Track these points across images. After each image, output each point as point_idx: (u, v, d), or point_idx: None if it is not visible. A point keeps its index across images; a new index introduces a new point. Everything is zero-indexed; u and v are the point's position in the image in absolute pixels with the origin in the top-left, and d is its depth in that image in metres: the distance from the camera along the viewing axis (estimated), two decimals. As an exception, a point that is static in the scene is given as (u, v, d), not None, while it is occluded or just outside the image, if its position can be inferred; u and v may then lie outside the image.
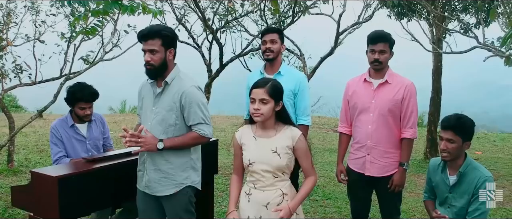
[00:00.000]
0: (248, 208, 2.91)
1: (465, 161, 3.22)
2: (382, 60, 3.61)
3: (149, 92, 3.31)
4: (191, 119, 3.19)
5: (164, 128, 3.19)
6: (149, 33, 3.13)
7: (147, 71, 3.19)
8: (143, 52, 3.17)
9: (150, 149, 3.08)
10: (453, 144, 3.12)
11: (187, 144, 3.23)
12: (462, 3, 8.22)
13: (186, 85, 3.21)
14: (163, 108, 3.20)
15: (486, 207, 3.13)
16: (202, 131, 3.20)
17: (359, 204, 3.94)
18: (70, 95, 3.97)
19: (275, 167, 2.84)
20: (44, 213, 3.17)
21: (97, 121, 4.24)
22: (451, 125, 3.12)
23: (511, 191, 7.04)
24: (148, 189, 3.28)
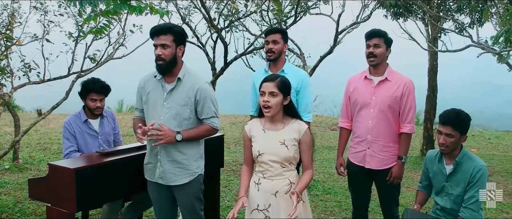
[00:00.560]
0: (257, 197, 3.09)
1: (461, 151, 3.40)
2: (377, 54, 3.77)
3: (157, 88, 3.46)
4: (205, 113, 3.38)
5: (178, 122, 3.36)
6: (161, 29, 3.30)
7: (158, 66, 3.35)
8: (154, 47, 3.32)
9: (170, 141, 3.25)
10: (452, 138, 3.30)
11: (201, 135, 3.44)
12: (457, 3, 8.41)
13: (200, 82, 3.41)
14: (177, 103, 3.37)
15: None
16: (214, 124, 3.41)
17: (360, 196, 4.12)
18: (82, 87, 4.15)
19: (283, 157, 3.01)
20: (61, 204, 3.31)
21: (109, 117, 4.39)
22: (451, 121, 3.30)
23: (505, 186, 7.26)
24: (162, 179, 3.45)
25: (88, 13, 5.52)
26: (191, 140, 3.39)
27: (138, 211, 4.51)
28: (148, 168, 3.53)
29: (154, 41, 3.34)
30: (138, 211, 4.49)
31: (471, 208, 3.31)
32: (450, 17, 8.19)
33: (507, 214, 5.78)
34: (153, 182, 3.53)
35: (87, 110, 4.23)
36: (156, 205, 3.63)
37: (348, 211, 5.63)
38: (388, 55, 3.88)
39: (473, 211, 3.31)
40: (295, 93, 4.12)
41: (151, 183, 3.56)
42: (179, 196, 3.52)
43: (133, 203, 4.41)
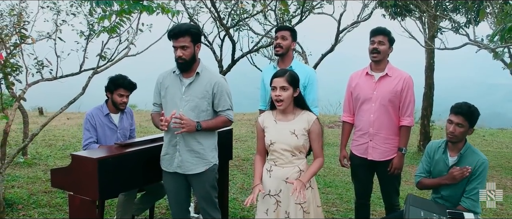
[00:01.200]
0: (269, 183, 3.31)
1: (465, 145, 3.61)
2: (380, 50, 3.99)
3: (175, 82, 3.68)
4: (221, 106, 3.63)
5: (196, 113, 3.58)
6: (180, 32, 3.51)
7: (179, 65, 3.58)
8: (174, 48, 3.55)
9: (190, 130, 3.47)
10: (462, 128, 3.50)
11: (218, 126, 3.68)
12: (453, 3, 8.64)
13: (217, 76, 3.68)
14: (196, 96, 3.60)
15: (482, 186, 3.52)
16: (229, 116, 3.67)
17: (362, 186, 4.34)
18: (112, 82, 4.37)
19: (293, 146, 3.24)
20: (84, 192, 3.52)
21: (128, 113, 4.60)
22: (463, 112, 3.49)
23: (499, 180, 7.52)
24: (180, 169, 3.66)
25: (99, 12, 5.73)
26: (209, 130, 3.62)
27: (151, 202, 4.73)
28: (166, 159, 3.74)
29: (173, 43, 3.56)
30: (150, 201, 4.71)
31: (472, 199, 3.50)
32: (447, 16, 8.41)
33: (501, 206, 6.03)
34: (170, 173, 3.73)
35: (110, 104, 4.43)
36: (171, 195, 3.84)
37: (349, 203, 5.86)
38: (389, 53, 4.11)
39: (474, 201, 3.49)
40: (303, 89, 4.30)
41: (167, 174, 3.76)
42: (195, 184, 3.73)
43: (146, 193, 4.62)
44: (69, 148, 8.67)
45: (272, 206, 3.28)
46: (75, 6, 5.78)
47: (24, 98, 5.37)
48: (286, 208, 3.25)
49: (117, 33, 5.20)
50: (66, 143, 9.11)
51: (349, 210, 5.62)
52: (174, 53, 3.58)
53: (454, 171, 3.54)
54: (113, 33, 4.90)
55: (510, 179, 7.63)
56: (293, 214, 3.22)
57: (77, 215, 3.62)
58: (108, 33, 5.00)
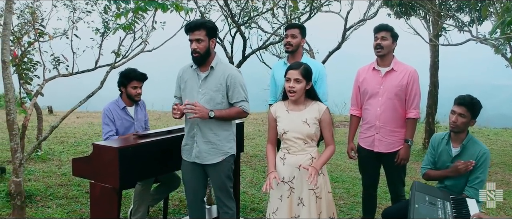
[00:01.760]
0: (283, 170, 3.48)
1: (468, 136, 3.77)
2: (384, 46, 4.15)
3: (193, 76, 3.86)
4: (235, 97, 3.76)
5: (212, 106, 3.74)
6: (195, 25, 3.68)
7: (194, 58, 3.74)
8: (189, 41, 3.71)
9: (203, 116, 3.61)
10: (464, 119, 3.65)
11: (232, 117, 3.82)
12: (457, 2, 8.79)
13: (230, 69, 3.83)
14: (210, 89, 3.76)
15: (484, 176, 3.68)
16: (244, 107, 3.79)
17: (369, 177, 4.50)
18: (124, 76, 4.54)
19: (305, 134, 3.41)
20: (105, 180, 3.70)
21: (141, 105, 4.77)
22: (466, 103, 3.65)
23: (503, 176, 7.67)
24: (198, 159, 3.83)
25: (113, 10, 5.93)
26: (223, 119, 3.77)
27: (165, 192, 4.90)
28: (186, 149, 3.92)
29: (189, 36, 3.72)
30: (165, 192, 4.89)
31: (475, 188, 3.64)
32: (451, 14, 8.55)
33: (504, 201, 6.17)
34: (188, 162, 3.90)
35: (125, 97, 4.60)
36: (188, 184, 4.00)
37: (356, 196, 6.02)
38: (394, 48, 4.26)
39: (476, 190, 3.62)
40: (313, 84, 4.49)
41: (186, 163, 3.94)
42: (211, 174, 3.90)
43: (162, 184, 4.80)
44: (81, 144, 8.85)
45: (286, 193, 3.45)
46: (90, 4, 5.96)
47: (41, 93, 5.55)
48: (299, 194, 3.42)
49: (132, 31, 5.37)
50: (78, 140, 9.28)
51: (356, 203, 5.77)
52: (190, 47, 3.75)
53: (458, 164, 3.68)
54: (129, 30, 5.07)
55: None
56: (306, 200, 3.39)
57: (98, 203, 3.80)
58: (123, 30, 5.19)
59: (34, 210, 5.01)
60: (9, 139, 4.62)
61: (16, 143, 4.59)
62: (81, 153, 8.09)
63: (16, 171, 4.62)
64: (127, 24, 5.02)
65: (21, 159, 4.64)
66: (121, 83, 4.56)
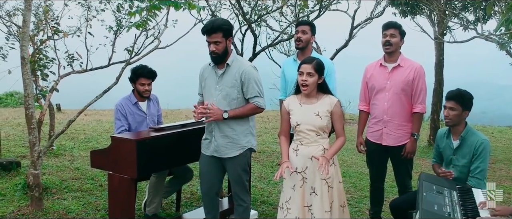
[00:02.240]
0: (296, 161, 3.62)
1: (466, 128, 3.90)
2: (392, 43, 4.28)
3: (212, 74, 4.01)
4: (249, 93, 3.90)
5: (228, 101, 3.89)
6: (212, 28, 3.82)
7: (213, 59, 3.90)
8: (207, 43, 3.86)
9: (217, 118, 3.78)
10: (454, 111, 3.79)
11: (246, 114, 3.94)
12: (462, 2, 8.89)
13: (245, 65, 3.96)
14: (226, 85, 3.90)
15: (485, 165, 3.81)
16: (258, 103, 3.92)
17: (377, 170, 4.63)
18: (133, 72, 4.69)
19: (317, 126, 3.55)
20: (123, 170, 3.86)
21: (154, 100, 4.92)
22: (453, 96, 3.81)
23: (507, 172, 7.78)
24: (216, 153, 3.97)
25: (126, 9, 6.07)
26: (238, 117, 3.90)
27: (179, 185, 5.06)
28: (205, 143, 4.07)
29: (207, 38, 3.87)
30: (178, 184, 5.04)
31: (477, 177, 3.77)
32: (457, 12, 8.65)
33: (509, 195, 6.29)
34: (207, 156, 4.05)
35: (136, 93, 4.75)
36: (204, 177, 4.13)
37: (363, 190, 6.15)
38: (401, 45, 4.40)
39: (479, 180, 3.76)
40: (322, 79, 4.63)
41: (205, 157, 4.08)
42: (228, 167, 4.03)
43: (175, 177, 4.94)
44: (91, 140, 9.02)
45: (298, 182, 3.59)
46: (104, 2, 6.11)
47: (57, 89, 5.70)
48: (312, 184, 3.56)
49: (145, 28, 5.51)
50: (88, 136, 9.44)
51: (363, 197, 5.90)
52: (208, 47, 3.89)
53: (440, 171, 3.94)
54: (143, 27, 5.21)
55: None
56: (319, 189, 3.53)
57: (116, 194, 3.96)
58: (137, 28, 5.33)
59: (51, 202, 5.16)
60: (28, 132, 4.79)
61: (34, 136, 4.76)
62: (92, 149, 8.18)
63: (34, 163, 4.79)
64: (141, 22, 5.15)
65: (39, 152, 4.80)
66: (131, 79, 4.72)
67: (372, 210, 4.77)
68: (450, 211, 2.97)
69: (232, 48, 4.01)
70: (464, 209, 3.03)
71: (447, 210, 2.97)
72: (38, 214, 4.73)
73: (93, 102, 5.04)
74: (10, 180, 5.93)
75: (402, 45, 4.40)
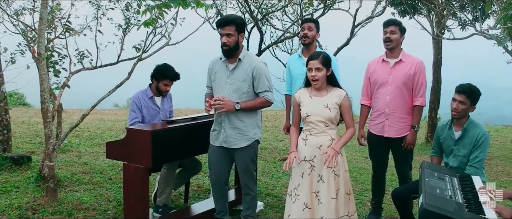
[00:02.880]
0: (304, 150, 3.80)
1: (468, 120, 4.09)
2: (393, 39, 4.48)
3: (222, 68, 4.19)
4: (260, 87, 4.10)
5: (239, 95, 4.08)
6: (226, 21, 4.03)
7: (224, 52, 4.08)
8: (220, 35, 4.05)
9: (230, 109, 3.97)
10: (464, 105, 3.95)
11: (256, 106, 4.15)
12: (460, 2, 9.12)
13: (256, 61, 4.16)
14: (238, 79, 4.10)
15: (484, 155, 4.00)
16: (268, 97, 4.13)
17: (378, 161, 4.82)
18: (159, 72, 4.84)
19: (326, 118, 3.74)
20: (138, 160, 4.03)
21: (168, 97, 5.09)
22: (466, 91, 3.96)
23: (503, 168, 8.01)
24: (226, 143, 4.16)
25: (134, 8, 6.26)
26: (249, 109, 4.10)
27: (187, 177, 5.25)
28: (213, 135, 4.26)
29: (220, 31, 4.06)
30: (187, 176, 5.23)
31: (475, 166, 3.95)
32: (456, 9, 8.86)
33: (505, 189, 6.49)
34: (216, 147, 4.23)
35: (154, 88, 4.90)
36: (213, 167, 4.32)
37: (364, 184, 6.36)
38: (402, 41, 4.59)
39: (477, 169, 3.94)
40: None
41: (214, 147, 4.26)
42: (237, 157, 4.23)
43: (184, 169, 5.13)
44: (96, 138, 9.18)
45: (307, 170, 3.78)
46: (113, 1, 6.29)
47: (68, 85, 5.87)
48: (320, 172, 3.75)
49: (154, 26, 5.68)
50: (92, 134, 9.60)
51: (363, 189, 6.10)
52: (220, 40, 4.08)
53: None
54: (154, 25, 5.40)
55: None
56: (326, 177, 3.72)
57: (131, 183, 4.13)
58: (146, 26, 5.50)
59: (64, 194, 5.33)
60: (43, 126, 4.98)
61: (49, 129, 4.94)
62: (98, 145, 8.44)
63: (49, 155, 4.97)
64: (150, 20, 5.33)
65: (54, 145, 4.98)
66: (155, 76, 4.87)
67: (374, 201, 4.96)
68: (451, 194, 3.16)
69: (243, 44, 4.19)
70: (465, 193, 3.23)
71: (448, 193, 3.16)
72: (53, 204, 4.90)
73: (106, 96, 5.23)
74: (22, 173, 6.11)
75: (403, 41, 4.60)
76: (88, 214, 4.82)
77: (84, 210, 4.89)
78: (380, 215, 4.94)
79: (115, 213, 4.91)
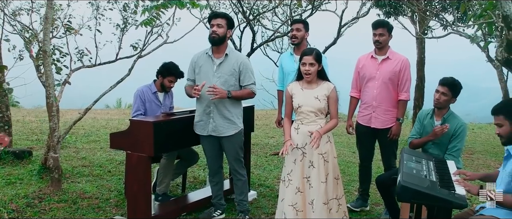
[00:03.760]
0: (297, 138, 4.12)
1: (448, 111, 4.42)
2: (381, 41, 4.82)
3: (208, 62, 4.52)
4: (246, 81, 4.47)
5: (226, 87, 4.41)
6: (219, 13, 4.45)
7: (212, 39, 4.41)
8: (211, 26, 4.40)
9: (222, 96, 4.31)
10: (445, 97, 4.29)
11: (243, 96, 4.55)
12: (441, 3, 9.51)
13: (242, 57, 4.59)
14: (225, 73, 4.44)
15: (461, 145, 4.35)
16: (253, 89, 4.53)
17: (365, 150, 5.16)
18: (166, 68, 5.14)
19: (316, 108, 4.06)
20: (141, 149, 4.33)
21: (170, 94, 5.36)
22: (448, 83, 4.29)
23: (484, 161, 8.42)
24: (214, 132, 4.50)
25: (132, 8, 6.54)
26: (237, 98, 4.49)
27: (185, 167, 5.56)
28: (200, 125, 4.58)
29: (212, 21, 4.40)
30: (185, 166, 5.54)
31: (453, 155, 4.29)
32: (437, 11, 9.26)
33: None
34: (205, 136, 4.57)
35: (158, 84, 5.18)
36: (208, 153, 4.70)
37: (351, 175, 6.70)
38: (389, 40, 4.93)
39: (454, 157, 4.27)
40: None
41: (203, 137, 4.61)
42: (226, 145, 4.57)
43: (182, 160, 5.42)
44: (91, 135, 9.43)
45: (299, 157, 4.10)
46: (111, 2, 6.56)
47: (69, 82, 6.14)
48: (310, 158, 4.07)
49: (152, 26, 5.98)
50: (87, 131, 9.85)
51: (351, 180, 6.43)
52: (210, 31, 4.42)
53: (436, 128, 4.30)
54: (152, 24, 5.70)
55: (493, 160, 8.52)
56: (316, 163, 4.04)
57: (134, 171, 4.43)
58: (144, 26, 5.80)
59: (67, 185, 5.60)
60: (49, 119, 5.26)
61: (54, 123, 5.22)
62: (94, 142, 8.71)
63: (54, 147, 5.25)
64: (148, 19, 5.64)
65: (58, 137, 5.25)
66: (161, 73, 5.17)
67: (361, 188, 5.29)
68: (426, 174, 3.49)
69: (228, 42, 4.55)
70: (439, 174, 3.57)
71: (424, 173, 3.50)
72: (58, 193, 5.18)
73: (108, 91, 5.51)
74: (24, 167, 6.38)
75: (391, 39, 4.93)
76: (92, 202, 5.11)
77: (87, 199, 5.18)
78: (366, 202, 5.28)
79: (117, 201, 5.20)
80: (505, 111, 3.35)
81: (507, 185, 3.27)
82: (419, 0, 9.04)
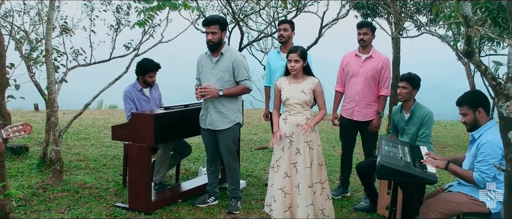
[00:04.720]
0: (285, 128, 4.52)
1: (414, 103, 4.89)
2: (365, 40, 5.26)
3: (207, 61, 4.93)
4: (240, 77, 4.85)
5: (221, 83, 4.81)
6: (211, 21, 4.79)
7: (209, 46, 4.83)
8: (206, 33, 4.79)
9: (214, 95, 4.73)
10: (406, 90, 4.76)
11: (237, 93, 4.92)
12: (415, 5, 10.05)
13: (236, 54, 4.96)
14: (220, 70, 4.83)
15: (429, 131, 4.83)
16: (247, 84, 4.92)
17: (348, 141, 5.60)
18: (142, 67, 5.48)
19: (303, 101, 4.48)
20: (141, 140, 4.72)
21: (155, 86, 5.70)
22: (405, 78, 4.81)
23: (455, 154, 8.95)
24: (211, 126, 4.90)
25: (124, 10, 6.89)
26: (230, 96, 4.85)
27: (179, 158, 5.96)
28: (202, 119, 4.99)
29: (206, 29, 4.80)
30: (179, 158, 5.93)
31: (423, 141, 4.74)
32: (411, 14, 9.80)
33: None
34: (205, 129, 4.98)
35: (141, 81, 5.52)
36: (206, 145, 5.13)
37: (332, 166, 7.15)
38: (372, 39, 5.37)
39: (424, 143, 4.73)
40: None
41: (203, 130, 5.01)
42: (220, 138, 4.96)
43: (176, 152, 5.79)
44: (81, 133, 9.70)
45: (287, 145, 4.51)
46: (105, 4, 6.90)
47: (65, 80, 6.45)
48: (297, 145, 4.47)
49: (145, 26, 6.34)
50: (76, 130, 10.09)
51: (332, 171, 6.87)
52: (206, 37, 4.82)
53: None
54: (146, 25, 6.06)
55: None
56: (302, 150, 4.45)
57: (135, 161, 4.83)
58: (139, 26, 6.15)
59: (67, 177, 5.92)
60: (51, 114, 5.57)
61: (56, 118, 5.55)
62: (84, 139, 8.98)
63: (55, 141, 5.58)
64: (143, 20, 5.99)
65: (60, 131, 5.58)
66: (139, 73, 5.51)
67: (342, 176, 5.74)
68: (402, 156, 3.97)
69: (225, 40, 4.94)
70: (413, 156, 4.06)
71: (400, 155, 3.98)
72: (60, 184, 5.51)
73: (107, 88, 5.85)
74: (22, 161, 6.67)
75: (374, 39, 5.38)
76: (93, 191, 5.46)
77: (88, 189, 5.53)
78: (347, 189, 5.74)
79: (116, 191, 5.55)
80: (468, 102, 3.84)
81: (471, 165, 3.77)
82: (394, 2, 9.55)
